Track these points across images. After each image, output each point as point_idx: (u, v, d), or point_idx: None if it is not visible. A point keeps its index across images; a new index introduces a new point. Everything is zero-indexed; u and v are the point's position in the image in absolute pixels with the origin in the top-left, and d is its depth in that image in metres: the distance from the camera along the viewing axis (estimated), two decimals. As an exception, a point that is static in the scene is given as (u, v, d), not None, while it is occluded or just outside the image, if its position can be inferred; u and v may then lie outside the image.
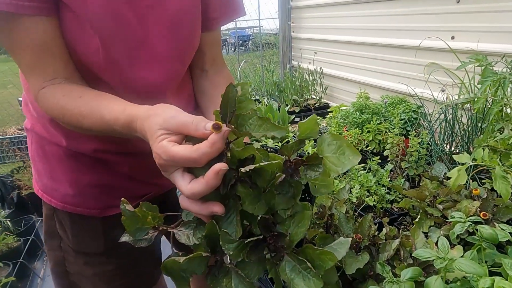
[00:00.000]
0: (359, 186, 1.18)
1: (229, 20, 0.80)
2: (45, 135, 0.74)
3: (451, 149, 1.40)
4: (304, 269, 0.46)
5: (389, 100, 1.77)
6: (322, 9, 2.85)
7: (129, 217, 0.51)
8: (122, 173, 0.77)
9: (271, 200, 0.49)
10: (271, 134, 0.45)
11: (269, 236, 0.48)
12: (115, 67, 0.65)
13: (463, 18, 1.60)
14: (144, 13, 0.65)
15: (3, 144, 2.84)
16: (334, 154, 0.48)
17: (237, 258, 0.47)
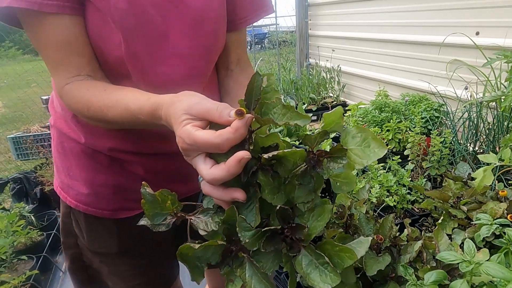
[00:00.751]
0: (378, 186, 1.16)
1: (258, 18, 0.79)
2: (66, 131, 0.76)
3: (475, 149, 1.36)
4: (321, 264, 0.45)
5: (409, 98, 1.73)
6: (340, 6, 2.81)
7: (149, 201, 0.52)
8: (136, 175, 0.76)
9: (291, 192, 0.48)
10: (294, 122, 0.44)
11: (287, 227, 0.47)
12: (137, 62, 0.66)
13: (489, 13, 1.54)
14: (167, 9, 0.65)
15: (27, 141, 2.93)
16: (359, 147, 0.47)
17: (253, 247, 0.46)
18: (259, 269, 0.47)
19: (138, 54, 0.65)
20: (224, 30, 0.75)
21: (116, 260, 0.82)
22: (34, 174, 2.90)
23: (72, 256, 0.84)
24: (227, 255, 0.49)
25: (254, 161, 0.45)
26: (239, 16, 0.76)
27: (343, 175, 0.49)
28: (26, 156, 3.03)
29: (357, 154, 0.46)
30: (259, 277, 0.46)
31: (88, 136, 0.72)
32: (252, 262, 0.47)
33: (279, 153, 0.43)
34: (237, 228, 0.46)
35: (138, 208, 0.78)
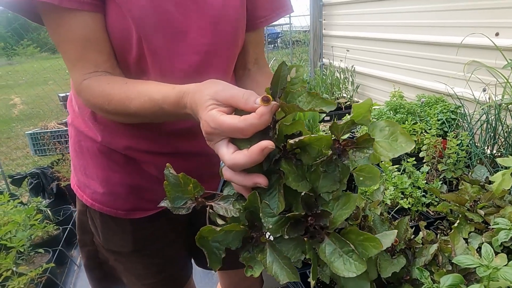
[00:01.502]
0: (393, 188, 1.15)
1: (278, 18, 0.79)
2: (83, 129, 0.77)
3: (492, 152, 1.33)
4: (345, 252, 0.44)
5: (425, 99, 1.70)
6: (355, 6, 2.79)
7: (171, 183, 0.52)
8: (151, 176, 0.77)
9: (315, 181, 0.48)
10: (320, 108, 0.45)
11: (311, 215, 0.46)
12: (155, 58, 0.66)
13: (509, 13, 1.51)
14: (187, 6, 0.66)
15: (44, 137, 3.00)
16: (386, 140, 0.46)
17: (276, 234, 0.46)
18: (281, 255, 0.46)
19: (158, 50, 0.65)
20: (243, 29, 0.75)
21: (130, 259, 0.83)
22: (50, 169, 2.97)
23: (88, 253, 0.86)
24: (248, 241, 0.49)
25: (277, 149, 0.45)
26: (259, 15, 0.77)
27: (367, 169, 0.48)
28: (43, 152, 3.11)
29: (384, 146, 0.46)
30: (281, 263, 0.46)
31: (105, 134, 0.73)
32: (274, 247, 0.47)
33: (305, 138, 0.43)
34: (260, 213, 0.45)
35: (153, 208, 0.79)
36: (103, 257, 0.85)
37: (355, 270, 0.43)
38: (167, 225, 0.85)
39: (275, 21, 0.79)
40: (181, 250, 0.91)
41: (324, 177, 0.47)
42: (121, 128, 0.72)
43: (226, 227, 0.47)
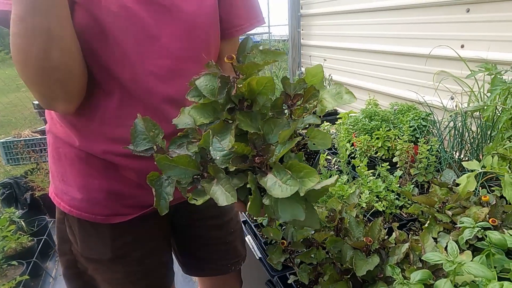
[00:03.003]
0: (368, 192, 1.20)
1: (252, 28, 0.83)
2: (61, 135, 0.77)
3: (460, 157, 1.41)
4: (284, 182, 0.47)
5: (398, 107, 1.78)
6: (331, 17, 2.88)
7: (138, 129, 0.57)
8: (130, 180, 0.78)
9: (267, 130, 0.52)
10: (273, 60, 0.52)
11: (257, 154, 0.50)
12: (125, 61, 0.68)
13: (472, 27, 1.62)
14: (159, 12, 0.68)
15: (18, 146, 2.91)
16: (332, 96, 0.54)
17: (222, 165, 0.49)
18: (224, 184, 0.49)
19: (128, 53, 0.67)
20: (216, 36, 0.78)
21: (110, 267, 0.82)
22: (24, 179, 2.88)
23: (67, 262, 0.85)
24: (198, 178, 0.53)
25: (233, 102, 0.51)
26: (234, 24, 0.80)
27: (320, 135, 0.54)
28: (17, 161, 3.01)
29: (329, 101, 0.54)
30: (222, 190, 0.49)
31: (83, 138, 0.74)
32: (219, 180, 0.50)
33: (251, 79, 0.49)
34: (210, 147, 0.49)
35: (132, 213, 0.80)
36: (82, 266, 0.84)
37: (290, 191, 0.45)
38: (147, 232, 0.86)
39: (249, 31, 0.83)
40: (162, 258, 0.92)
41: (275, 125, 0.51)
42: (98, 131, 0.73)
43: (179, 158, 0.51)
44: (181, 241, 0.99)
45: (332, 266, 0.82)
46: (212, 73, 0.53)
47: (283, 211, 0.48)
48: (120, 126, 0.72)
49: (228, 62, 0.49)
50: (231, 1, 0.78)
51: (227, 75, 0.52)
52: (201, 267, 1.00)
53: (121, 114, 0.72)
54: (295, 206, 0.47)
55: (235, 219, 1.00)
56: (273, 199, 0.46)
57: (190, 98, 0.56)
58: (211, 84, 0.52)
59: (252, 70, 0.51)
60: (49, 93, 0.62)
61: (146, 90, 0.70)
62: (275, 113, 0.52)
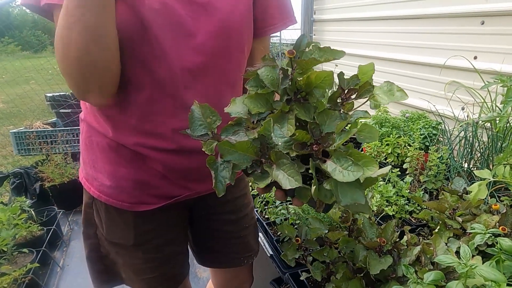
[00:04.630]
0: (379, 196, 1.22)
1: (285, 27, 0.86)
2: (95, 125, 0.81)
3: (469, 166, 1.43)
4: (345, 168, 0.49)
5: (409, 115, 1.80)
6: (344, 24, 2.91)
7: (195, 116, 0.60)
8: (156, 171, 0.81)
9: (322, 121, 0.55)
10: (332, 57, 0.55)
11: (316, 142, 0.53)
12: (163, 58, 0.71)
13: (487, 39, 1.64)
14: (196, 11, 0.72)
15: (30, 137, 2.96)
16: (384, 93, 0.57)
17: (284, 150, 0.52)
18: (285, 169, 0.51)
19: (167, 50, 0.70)
20: (249, 35, 0.81)
21: (130, 253, 0.86)
22: (34, 169, 2.93)
23: (90, 246, 0.89)
24: (257, 163, 0.55)
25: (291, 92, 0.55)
26: (268, 23, 0.83)
27: (367, 129, 0.56)
28: (28, 151, 3.05)
29: (382, 97, 0.56)
30: (285, 174, 0.51)
31: (116, 130, 0.78)
32: (279, 165, 0.52)
33: (310, 74, 0.53)
34: (272, 134, 0.52)
35: (156, 203, 0.83)
36: (104, 250, 0.88)
37: (353, 176, 0.48)
38: (168, 222, 0.89)
39: (282, 30, 0.86)
40: (180, 248, 0.95)
41: (328, 116, 0.54)
42: (130, 124, 0.77)
43: (240, 143, 0.54)
44: (197, 232, 1.02)
45: (345, 265, 0.85)
46: (272, 65, 0.57)
47: (344, 195, 0.50)
48: (150, 121, 0.75)
49: (288, 56, 0.53)
50: (266, 2, 0.82)
51: (286, 68, 0.55)
52: (214, 259, 1.04)
53: (151, 110, 0.75)
54: (355, 191, 0.50)
55: (250, 215, 1.03)
56: (333, 183, 0.49)
57: (249, 88, 0.59)
58: (272, 75, 0.56)
59: (310, 66, 0.54)
60: (84, 86, 0.66)
61: (179, 85, 0.73)
62: (332, 105, 0.56)
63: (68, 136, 3.08)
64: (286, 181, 0.50)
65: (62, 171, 2.82)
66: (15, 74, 6.35)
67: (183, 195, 0.86)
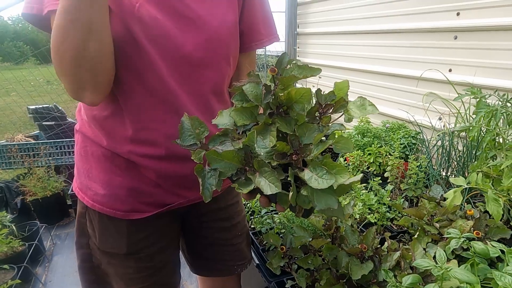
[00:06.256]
0: (361, 204, 1.26)
1: (270, 43, 0.91)
2: (90, 135, 0.83)
3: (447, 174, 1.49)
4: (320, 176, 0.54)
5: (390, 125, 1.87)
6: (326, 37, 3.00)
7: (184, 126, 0.64)
8: (149, 179, 0.83)
9: (301, 133, 0.60)
10: (310, 74, 0.60)
11: (295, 152, 0.57)
12: (152, 67, 0.74)
13: (460, 53, 1.73)
14: (185, 24, 0.75)
15: (11, 150, 2.90)
16: (357, 107, 0.63)
17: (266, 160, 0.57)
18: (267, 177, 0.56)
19: (155, 59, 0.73)
20: (235, 48, 0.85)
21: (123, 262, 0.87)
22: (15, 183, 2.86)
23: (82, 256, 0.89)
24: (241, 171, 0.59)
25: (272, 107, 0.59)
26: (254, 38, 0.88)
27: (343, 140, 0.60)
28: (9, 165, 2.99)
29: (355, 111, 0.62)
30: (266, 181, 0.55)
31: (110, 139, 0.80)
32: (262, 173, 0.57)
33: (291, 90, 0.58)
34: (255, 145, 0.57)
35: (149, 210, 0.85)
36: (96, 260, 0.88)
37: (326, 184, 0.53)
38: (161, 231, 0.90)
39: (267, 45, 0.90)
40: (172, 257, 0.96)
41: (307, 129, 0.59)
42: (123, 133, 0.79)
43: (226, 153, 0.58)
44: (190, 241, 1.03)
45: (328, 271, 0.87)
46: (256, 81, 0.61)
47: (318, 201, 0.55)
48: (144, 129, 0.78)
49: (271, 74, 0.58)
50: (252, 19, 0.86)
51: (269, 84, 0.59)
52: (207, 267, 1.05)
53: (143, 117, 0.77)
54: (328, 197, 0.55)
55: (242, 223, 1.05)
56: (309, 190, 0.53)
57: (235, 102, 0.63)
58: (256, 90, 0.60)
59: (290, 82, 0.59)
60: (79, 83, 0.67)
61: (168, 94, 0.76)
62: (310, 118, 0.59)
63: (51, 149, 3.04)
64: (267, 187, 0.53)
65: (44, 185, 2.77)
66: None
67: (175, 203, 0.88)
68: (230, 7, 0.82)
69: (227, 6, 0.81)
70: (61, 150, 3.07)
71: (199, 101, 0.81)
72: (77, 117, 0.87)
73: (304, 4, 3.28)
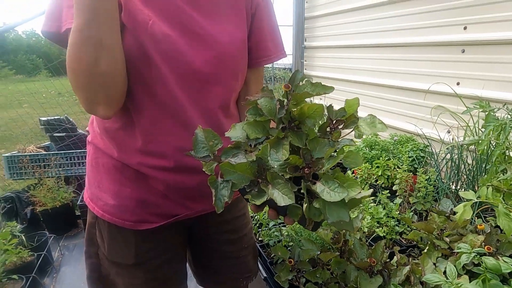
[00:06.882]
0: (370, 217, 1.25)
1: (277, 59, 0.93)
2: (101, 147, 0.85)
3: (456, 188, 1.47)
4: (332, 190, 0.55)
5: (398, 138, 1.86)
6: (334, 50, 3.03)
7: (198, 139, 0.67)
8: (157, 190, 0.85)
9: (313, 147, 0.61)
10: (323, 92, 0.63)
11: (307, 166, 0.59)
12: (163, 81, 0.76)
13: (468, 67, 1.73)
14: (195, 40, 0.78)
15: (23, 161, 2.95)
16: (367, 124, 0.64)
17: (280, 173, 0.58)
18: (280, 188, 0.57)
19: (166, 74, 0.76)
20: (244, 64, 0.88)
21: (131, 273, 0.88)
22: (25, 193, 2.90)
23: (91, 265, 0.90)
24: (254, 183, 0.61)
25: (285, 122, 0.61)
26: (262, 55, 0.90)
27: (352, 155, 0.61)
28: (20, 175, 3.03)
29: (365, 128, 0.63)
30: (280, 193, 0.56)
31: (121, 151, 0.82)
32: (275, 185, 0.58)
33: (304, 105, 0.60)
34: (268, 157, 0.58)
35: (157, 221, 0.86)
36: (105, 270, 0.89)
37: (339, 196, 0.54)
38: (168, 242, 0.91)
39: (274, 61, 0.92)
40: (179, 268, 0.97)
41: (319, 143, 0.61)
42: (134, 145, 0.81)
43: (240, 165, 0.59)
44: (196, 252, 1.03)
45: (337, 285, 0.87)
46: (269, 96, 0.63)
47: (330, 214, 0.56)
48: (153, 142, 0.80)
49: (284, 89, 0.60)
50: (260, 36, 0.89)
51: (283, 99, 0.60)
52: (213, 279, 1.05)
53: (153, 130, 0.80)
54: (340, 210, 0.55)
55: (249, 235, 1.05)
56: (322, 203, 0.53)
57: (248, 115, 0.65)
58: (269, 105, 0.62)
59: (303, 98, 0.61)
60: (93, 97, 0.70)
61: (177, 107, 0.79)
62: (322, 133, 0.61)
63: (62, 160, 3.08)
64: (281, 199, 0.54)
65: (54, 195, 2.80)
66: (8, 98, 6.37)
67: (183, 214, 0.89)
68: (239, 24, 0.84)
69: (236, 24, 0.84)
70: (71, 161, 3.11)
71: (206, 115, 0.84)
72: (90, 129, 0.90)
73: (311, 19, 3.33)
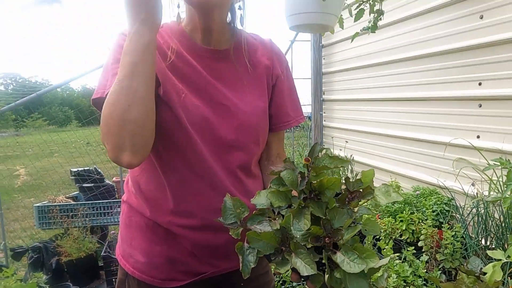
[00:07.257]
0: (395, 276, 1.23)
1: (297, 124, 1.02)
2: (135, 205, 0.92)
3: (486, 244, 1.43)
4: (351, 260, 0.58)
5: (420, 191, 1.85)
6: (352, 103, 3.13)
7: (227, 206, 0.73)
8: (184, 248, 0.89)
9: (332, 216, 0.65)
10: (340, 165, 0.68)
11: (328, 235, 0.62)
12: (193, 146, 0.84)
13: (486, 120, 1.76)
14: (221, 110, 0.87)
15: (53, 211, 3.06)
16: (383, 194, 0.69)
17: (302, 242, 0.61)
18: (303, 258, 0.61)
19: (195, 139, 0.84)
20: (265, 130, 0.96)
21: None
22: (52, 243, 2.97)
23: None
24: (278, 251, 0.65)
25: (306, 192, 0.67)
26: (282, 120, 0.99)
27: (370, 223, 0.66)
28: (48, 225, 3.13)
29: (381, 197, 0.68)
30: (302, 262, 0.60)
31: (153, 210, 0.88)
32: (297, 254, 0.61)
33: (323, 178, 0.66)
34: (291, 227, 0.62)
35: (185, 279, 0.89)
36: None
37: (358, 268, 0.57)
38: None
39: (293, 126, 1.00)
40: None
41: (338, 213, 0.65)
42: (165, 205, 0.87)
43: (265, 234, 0.64)
44: None
45: None
46: (291, 168, 0.70)
47: (351, 284, 0.59)
48: (184, 202, 0.86)
49: (305, 163, 0.67)
50: (281, 103, 0.98)
51: (303, 171, 0.66)
52: None
53: (183, 192, 0.86)
54: (360, 281, 0.59)
55: None
56: (342, 272, 0.57)
57: (272, 185, 0.71)
58: (291, 177, 0.68)
59: (322, 170, 0.67)
60: (121, 143, 0.76)
61: (206, 169, 0.86)
62: (340, 204, 0.65)
63: (88, 210, 3.18)
64: (304, 269, 0.58)
65: (79, 245, 2.86)
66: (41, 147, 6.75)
67: (209, 272, 0.92)
68: (262, 94, 0.94)
69: (258, 94, 0.94)
70: (97, 211, 3.20)
71: (230, 175, 0.91)
72: (125, 189, 0.97)
73: (328, 74, 3.49)
